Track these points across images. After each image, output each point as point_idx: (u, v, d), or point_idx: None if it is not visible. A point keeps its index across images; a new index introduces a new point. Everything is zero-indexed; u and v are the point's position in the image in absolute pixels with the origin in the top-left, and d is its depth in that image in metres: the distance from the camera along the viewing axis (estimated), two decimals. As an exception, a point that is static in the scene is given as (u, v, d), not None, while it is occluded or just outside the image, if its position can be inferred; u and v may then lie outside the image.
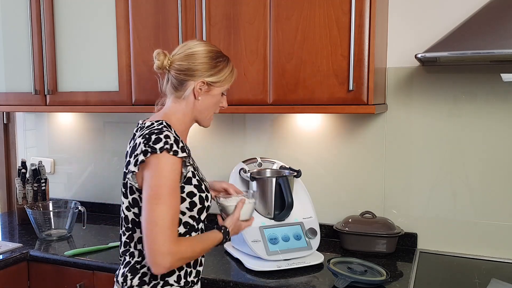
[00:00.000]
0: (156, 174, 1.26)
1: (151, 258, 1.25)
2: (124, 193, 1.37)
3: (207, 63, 1.40)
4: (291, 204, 1.78)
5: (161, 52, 1.40)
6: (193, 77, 1.39)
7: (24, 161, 2.46)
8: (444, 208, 1.95)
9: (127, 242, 1.39)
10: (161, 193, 1.25)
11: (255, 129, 2.23)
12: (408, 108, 1.96)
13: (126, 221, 1.38)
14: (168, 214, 1.25)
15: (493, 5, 1.60)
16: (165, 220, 1.24)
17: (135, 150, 1.31)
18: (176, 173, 1.28)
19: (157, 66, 1.41)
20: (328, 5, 1.70)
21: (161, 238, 1.23)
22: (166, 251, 1.24)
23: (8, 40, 2.32)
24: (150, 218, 1.25)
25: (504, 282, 1.62)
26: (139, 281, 1.34)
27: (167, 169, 1.26)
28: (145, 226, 1.26)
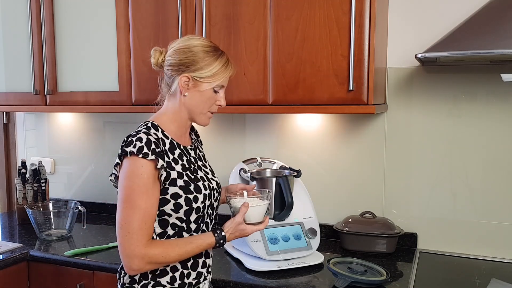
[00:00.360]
0: (126, 176, 1.28)
1: (122, 259, 1.29)
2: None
3: (194, 57, 1.35)
4: (291, 204, 1.78)
5: (157, 49, 1.40)
6: (178, 71, 1.36)
7: (24, 161, 2.46)
8: (444, 208, 1.95)
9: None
10: (128, 196, 1.27)
11: (255, 129, 2.23)
12: (408, 108, 1.96)
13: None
14: (135, 217, 1.26)
15: (493, 5, 1.60)
16: (132, 223, 1.26)
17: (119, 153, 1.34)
18: (145, 176, 1.27)
19: (153, 63, 1.41)
20: (328, 5, 1.70)
21: (127, 241, 1.26)
22: (132, 254, 1.25)
23: (8, 40, 2.32)
24: (118, 221, 1.28)
25: (504, 282, 1.62)
26: (130, 279, 1.36)
27: (136, 172, 1.27)
28: (116, 228, 1.29)
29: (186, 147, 1.44)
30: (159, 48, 1.41)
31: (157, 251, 1.28)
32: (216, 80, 1.38)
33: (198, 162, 1.46)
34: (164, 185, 1.31)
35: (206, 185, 1.41)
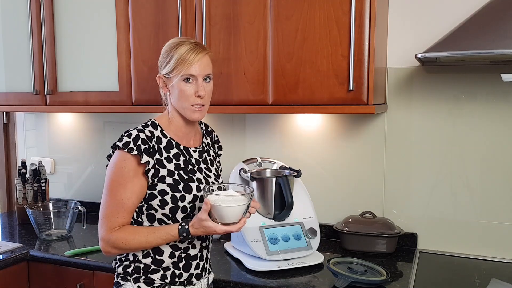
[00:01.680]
0: (109, 167, 1.38)
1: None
2: None
3: (161, 58, 1.43)
4: (291, 204, 1.78)
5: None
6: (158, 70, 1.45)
7: (24, 161, 2.46)
8: (444, 208, 1.95)
9: None
10: (108, 185, 1.37)
11: (255, 129, 2.23)
12: (408, 108, 1.96)
13: None
14: (109, 205, 1.36)
15: (493, 5, 1.60)
16: (105, 209, 1.36)
17: None
18: (126, 169, 1.35)
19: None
20: (328, 5, 1.70)
21: (100, 225, 1.38)
22: (101, 237, 1.38)
23: (8, 40, 2.32)
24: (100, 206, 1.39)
25: (504, 282, 1.62)
26: (123, 271, 1.43)
27: (118, 164, 1.35)
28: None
29: (187, 148, 1.46)
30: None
31: (117, 236, 1.35)
32: (180, 71, 1.37)
33: (200, 165, 1.47)
34: (153, 181, 1.37)
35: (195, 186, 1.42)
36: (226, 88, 1.87)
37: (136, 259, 1.41)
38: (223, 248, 1.95)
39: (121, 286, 1.42)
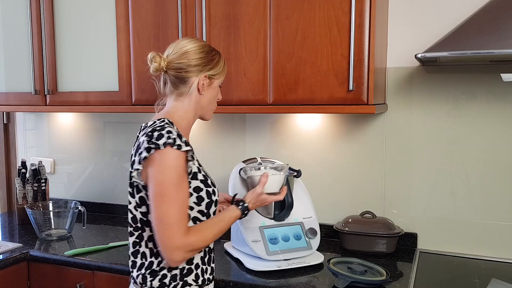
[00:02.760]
0: (160, 170, 1.27)
1: (163, 254, 1.29)
2: (131, 193, 1.37)
3: (205, 57, 1.42)
4: (291, 204, 1.78)
5: (156, 54, 1.40)
6: (195, 72, 1.41)
7: (24, 161, 2.46)
8: (444, 208, 1.95)
9: (137, 242, 1.38)
10: (166, 189, 1.26)
11: (255, 129, 2.23)
12: (408, 108, 1.96)
13: (134, 221, 1.37)
14: (174, 210, 1.26)
15: (493, 5, 1.60)
16: (172, 217, 1.26)
17: (139, 148, 1.32)
18: (180, 168, 1.28)
19: (155, 69, 1.40)
20: (328, 5, 1.70)
21: (168, 235, 1.26)
22: (174, 246, 1.26)
23: (8, 40, 2.32)
24: (157, 216, 1.27)
25: (504, 282, 1.62)
26: (159, 283, 1.35)
27: (171, 164, 1.27)
28: (154, 224, 1.29)
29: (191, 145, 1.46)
30: (156, 53, 1.40)
31: (196, 237, 1.30)
32: (222, 76, 1.49)
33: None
34: (189, 178, 1.34)
35: (213, 180, 1.45)
36: (226, 88, 1.87)
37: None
38: (223, 248, 1.95)
39: None
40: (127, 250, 1.94)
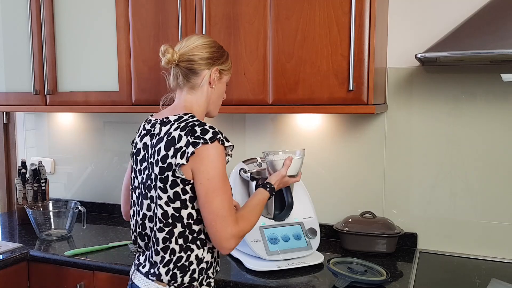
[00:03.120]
0: (210, 165, 1.31)
1: (217, 244, 1.33)
2: (162, 188, 1.35)
3: (216, 52, 1.46)
4: (291, 204, 1.78)
5: (168, 46, 1.40)
6: (207, 65, 1.44)
7: (24, 161, 2.46)
8: (444, 208, 1.95)
9: (167, 238, 1.37)
10: (218, 183, 1.31)
11: (255, 129, 2.23)
12: (408, 108, 1.96)
13: (165, 217, 1.36)
14: (226, 202, 1.32)
15: (493, 5, 1.60)
16: (225, 209, 1.31)
17: (174, 143, 1.32)
18: (224, 161, 1.35)
19: (167, 60, 1.40)
20: (328, 5, 1.70)
21: (224, 225, 1.31)
22: (229, 236, 1.31)
23: (8, 40, 2.32)
24: (212, 209, 1.31)
25: (504, 282, 1.62)
26: (189, 278, 1.38)
27: (219, 158, 1.32)
28: (206, 217, 1.32)
29: None
30: (169, 45, 1.41)
31: (245, 223, 1.37)
32: (230, 73, 1.54)
33: None
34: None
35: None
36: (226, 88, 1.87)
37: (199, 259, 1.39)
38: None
39: None
40: (127, 250, 1.95)
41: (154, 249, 1.39)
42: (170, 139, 1.34)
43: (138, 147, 1.45)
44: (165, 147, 1.34)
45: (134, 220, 1.46)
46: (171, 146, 1.33)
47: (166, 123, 1.39)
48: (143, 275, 1.41)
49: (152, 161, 1.37)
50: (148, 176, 1.39)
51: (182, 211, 1.35)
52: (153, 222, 1.39)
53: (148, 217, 1.40)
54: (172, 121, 1.38)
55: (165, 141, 1.35)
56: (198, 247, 1.38)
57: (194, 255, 1.38)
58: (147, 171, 1.40)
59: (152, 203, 1.39)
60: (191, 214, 1.36)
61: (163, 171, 1.34)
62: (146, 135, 1.44)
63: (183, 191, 1.34)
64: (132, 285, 1.44)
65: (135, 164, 1.46)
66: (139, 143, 1.45)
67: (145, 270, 1.41)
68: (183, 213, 1.35)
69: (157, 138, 1.38)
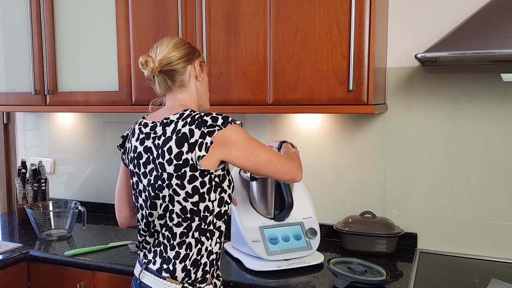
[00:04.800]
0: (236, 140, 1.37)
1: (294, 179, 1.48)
2: (180, 185, 1.35)
3: (189, 47, 1.49)
4: (291, 204, 1.78)
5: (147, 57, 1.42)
6: (187, 61, 1.47)
7: (24, 161, 2.46)
8: (444, 208, 1.95)
9: (184, 233, 1.37)
10: (252, 146, 1.39)
11: (255, 129, 2.23)
12: (408, 108, 1.97)
13: (184, 212, 1.37)
14: (269, 151, 1.43)
15: (493, 5, 1.60)
16: (272, 155, 1.42)
17: (187, 139, 1.34)
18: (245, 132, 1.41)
19: (151, 69, 1.41)
20: (328, 5, 1.70)
21: (290, 165, 1.46)
22: (299, 168, 1.49)
23: (8, 40, 2.32)
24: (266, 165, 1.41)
25: (504, 282, 1.62)
26: (202, 272, 1.40)
27: (240, 132, 1.38)
28: (271, 173, 1.44)
29: None
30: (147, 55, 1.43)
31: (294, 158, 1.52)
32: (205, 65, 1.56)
33: None
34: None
35: None
36: (226, 88, 1.87)
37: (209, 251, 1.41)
38: (223, 248, 1.95)
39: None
40: (127, 250, 1.94)
41: (170, 244, 1.38)
42: (181, 136, 1.35)
43: (138, 150, 1.43)
44: (177, 145, 1.34)
45: (143, 223, 1.44)
46: (184, 142, 1.34)
47: (168, 124, 1.39)
48: (153, 274, 1.40)
49: (162, 161, 1.36)
50: (158, 177, 1.38)
51: (200, 204, 1.37)
52: (165, 218, 1.38)
53: (159, 215, 1.39)
54: (175, 120, 1.38)
55: (174, 139, 1.35)
56: (207, 239, 1.40)
57: (204, 248, 1.40)
58: (154, 172, 1.39)
59: (164, 202, 1.38)
60: (207, 207, 1.38)
61: (180, 168, 1.34)
62: (147, 138, 1.42)
63: (201, 184, 1.36)
64: (141, 285, 1.42)
65: (138, 168, 1.44)
66: (139, 147, 1.43)
67: (156, 266, 1.39)
68: (200, 206, 1.37)
69: (163, 139, 1.37)
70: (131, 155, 1.46)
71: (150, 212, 1.41)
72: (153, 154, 1.39)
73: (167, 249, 1.39)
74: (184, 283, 1.37)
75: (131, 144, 1.47)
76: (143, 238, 1.45)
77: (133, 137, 1.47)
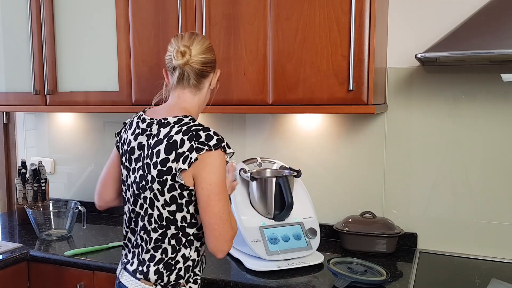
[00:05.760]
0: (214, 170, 1.32)
1: (217, 247, 1.34)
2: (160, 191, 1.35)
3: (215, 54, 1.49)
4: (291, 204, 1.78)
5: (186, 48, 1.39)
6: (213, 68, 1.48)
7: (24, 161, 2.46)
8: (444, 208, 1.95)
9: (159, 239, 1.38)
10: (220, 188, 1.33)
11: (255, 129, 2.23)
12: (408, 108, 1.97)
13: (160, 219, 1.37)
14: (227, 206, 1.35)
15: (493, 5, 1.60)
16: (226, 212, 1.34)
17: (176, 148, 1.32)
18: (225, 167, 1.38)
19: (186, 61, 1.39)
20: (328, 5, 1.70)
21: (226, 229, 1.33)
22: (230, 238, 1.35)
23: (8, 40, 2.32)
24: (215, 213, 1.32)
25: (504, 282, 1.62)
26: (175, 276, 1.39)
27: (221, 165, 1.34)
28: (209, 222, 1.33)
29: None
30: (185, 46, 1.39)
31: (234, 225, 1.39)
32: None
33: None
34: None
35: None
36: (226, 88, 1.87)
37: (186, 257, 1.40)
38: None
39: None
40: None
41: (146, 247, 1.40)
42: (171, 143, 1.33)
43: (132, 145, 1.43)
44: (166, 151, 1.33)
45: (127, 217, 1.47)
46: (173, 150, 1.32)
47: (165, 125, 1.38)
48: (130, 274, 1.42)
49: (149, 162, 1.36)
50: (143, 176, 1.38)
51: (177, 214, 1.36)
52: (144, 221, 1.40)
53: (141, 216, 1.41)
54: (172, 123, 1.37)
55: (165, 144, 1.34)
56: (185, 247, 1.40)
57: (181, 254, 1.39)
58: (141, 171, 1.39)
59: (145, 203, 1.39)
60: (185, 217, 1.37)
61: (162, 174, 1.34)
62: (141, 134, 1.42)
63: (180, 196, 1.35)
64: (120, 284, 1.44)
65: (129, 163, 1.44)
66: (133, 141, 1.43)
67: (133, 268, 1.42)
68: (177, 216, 1.36)
69: (155, 139, 1.37)
70: (125, 147, 1.47)
71: (133, 209, 1.43)
72: (144, 153, 1.39)
73: (143, 251, 1.41)
74: (157, 285, 1.38)
75: (127, 136, 1.47)
76: (126, 232, 1.48)
77: (130, 129, 1.47)
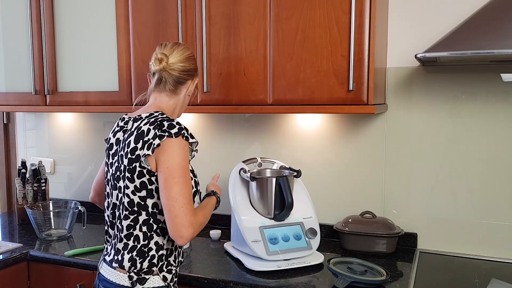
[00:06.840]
0: (172, 155, 1.38)
1: (175, 232, 1.36)
2: (130, 178, 1.43)
3: (196, 63, 1.60)
4: (291, 204, 1.78)
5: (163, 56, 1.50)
6: (191, 76, 1.58)
7: (24, 161, 2.46)
8: (444, 208, 1.95)
9: (131, 225, 1.44)
10: (177, 172, 1.37)
11: (255, 129, 2.23)
12: (408, 108, 1.96)
13: (131, 205, 1.44)
14: (186, 191, 1.37)
15: (493, 5, 1.60)
16: (183, 196, 1.36)
17: (143, 136, 1.41)
18: (187, 155, 1.42)
19: (162, 67, 1.50)
20: (328, 5, 1.70)
21: (183, 213, 1.35)
22: (188, 223, 1.35)
23: (8, 40, 2.32)
24: (171, 195, 1.36)
25: (504, 282, 1.62)
26: (148, 264, 1.44)
27: (181, 152, 1.39)
28: (166, 204, 1.36)
29: None
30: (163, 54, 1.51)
31: (201, 216, 1.43)
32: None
33: None
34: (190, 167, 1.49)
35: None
36: (226, 88, 1.87)
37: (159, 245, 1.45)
38: (223, 248, 1.95)
39: (147, 280, 1.43)
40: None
41: (119, 236, 1.46)
42: (139, 133, 1.43)
43: (111, 142, 1.55)
44: (135, 140, 1.43)
45: (109, 212, 1.53)
46: (140, 139, 1.42)
47: (138, 120, 1.49)
48: (107, 264, 1.49)
49: (122, 153, 1.46)
50: (118, 167, 1.48)
51: (148, 200, 1.43)
52: (120, 210, 1.47)
53: (117, 207, 1.49)
54: (143, 117, 1.47)
55: (135, 134, 1.44)
56: (158, 235, 1.45)
57: (153, 242, 1.44)
58: (117, 163, 1.49)
59: (120, 193, 1.47)
60: (156, 204, 1.43)
61: (131, 162, 1.43)
62: (119, 131, 1.54)
63: (149, 182, 1.42)
64: (99, 276, 1.51)
65: (108, 158, 1.56)
66: (112, 138, 1.56)
67: (110, 258, 1.49)
68: (148, 202, 1.43)
69: (128, 133, 1.48)
70: (106, 146, 1.59)
71: (111, 201, 1.51)
72: (119, 147, 1.50)
73: (118, 240, 1.47)
74: (130, 272, 1.43)
75: (110, 137, 1.59)
76: (107, 226, 1.55)
77: (112, 130, 1.60)
